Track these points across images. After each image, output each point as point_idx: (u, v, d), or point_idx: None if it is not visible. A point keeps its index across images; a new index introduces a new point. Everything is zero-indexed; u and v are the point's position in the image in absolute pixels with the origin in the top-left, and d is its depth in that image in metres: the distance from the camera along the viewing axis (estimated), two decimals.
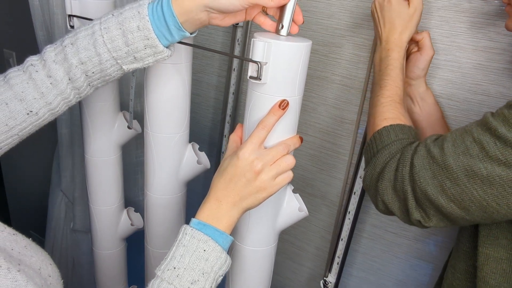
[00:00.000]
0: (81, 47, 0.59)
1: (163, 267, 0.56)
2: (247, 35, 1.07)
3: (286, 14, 0.57)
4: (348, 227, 0.98)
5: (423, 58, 0.78)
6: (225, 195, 0.59)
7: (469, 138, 0.56)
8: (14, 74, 0.60)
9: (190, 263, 0.55)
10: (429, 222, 0.60)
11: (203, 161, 0.85)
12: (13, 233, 0.54)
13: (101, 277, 1.10)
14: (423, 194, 0.59)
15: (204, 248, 0.56)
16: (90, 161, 0.96)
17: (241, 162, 0.59)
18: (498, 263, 0.61)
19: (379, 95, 0.71)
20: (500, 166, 0.52)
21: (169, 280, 0.54)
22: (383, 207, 0.65)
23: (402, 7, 0.74)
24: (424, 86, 0.82)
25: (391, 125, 0.67)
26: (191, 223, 0.59)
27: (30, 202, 1.84)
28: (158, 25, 0.58)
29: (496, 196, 0.54)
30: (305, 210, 0.72)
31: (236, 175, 0.59)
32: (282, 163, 0.61)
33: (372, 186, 0.66)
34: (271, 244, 0.74)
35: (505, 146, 0.52)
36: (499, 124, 0.53)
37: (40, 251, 0.56)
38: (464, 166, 0.55)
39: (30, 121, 0.61)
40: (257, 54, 0.58)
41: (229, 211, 0.59)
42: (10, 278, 0.46)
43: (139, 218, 1.07)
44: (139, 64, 0.61)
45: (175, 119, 0.79)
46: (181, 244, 0.56)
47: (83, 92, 0.63)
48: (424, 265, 0.98)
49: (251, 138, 0.60)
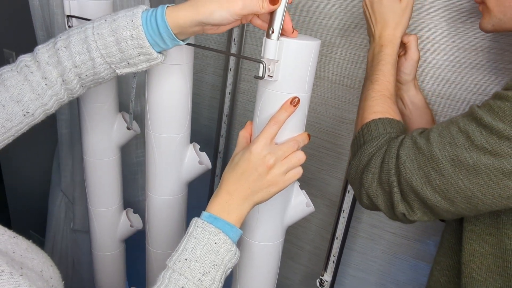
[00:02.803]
0: (75, 51, 0.60)
1: (174, 258, 0.56)
2: (243, 34, 1.07)
3: (277, 19, 0.57)
4: (343, 225, 0.98)
5: (408, 63, 0.78)
6: (237, 189, 0.60)
7: (455, 128, 0.56)
8: (9, 75, 0.60)
9: (202, 255, 0.55)
10: (413, 216, 0.60)
11: (204, 162, 0.85)
12: (13, 236, 0.54)
13: (100, 278, 1.10)
14: (409, 185, 0.58)
15: (215, 241, 0.56)
16: (89, 162, 0.96)
17: (254, 156, 0.60)
18: (484, 258, 0.62)
19: (370, 90, 0.71)
20: (486, 155, 0.52)
21: (181, 271, 0.54)
22: (367, 201, 0.65)
23: (393, 2, 0.73)
24: (413, 90, 0.81)
25: (379, 118, 0.67)
26: (202, 216, 0.59)
27: (30, 202, 1.84)
28: (152, 34, 0.59)
29: (482, 186, 0.54)
30: (312, 206, 0.74)
31: (248, 169, 0.60)
32: (293, 159, 0.62)
33: (357, 179, 0.66)
34: (279, 239, 0.75)
35: (491, 134, 0.52)
36: (484, 113, 0.53)
37: (40, 253, 0.56)
38: (450, 156, 0.55)
39: (26, 121, 0.62)
40: (269, 52, 0.59)
41: (240, 205, 0.60)
42: (13, 282, 0.46)
43: (138, 220, 1.07)
44: (133, 69, 0.62)
45: (177, 119, 0.79)
46: (192, 236, 0.57)
47: (75, 92, 0.64)
48: (424, 265, 0.98)
49: (263, 133, 0.61)
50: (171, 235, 0.88)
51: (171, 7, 0.59)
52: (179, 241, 0.58)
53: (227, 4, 0.56)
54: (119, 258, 1.10)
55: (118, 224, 1.04)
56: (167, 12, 0.58)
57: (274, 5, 0.56)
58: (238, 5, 0.56)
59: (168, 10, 0.58)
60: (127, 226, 1.05)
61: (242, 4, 0.56)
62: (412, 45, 0.77)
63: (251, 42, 1.08)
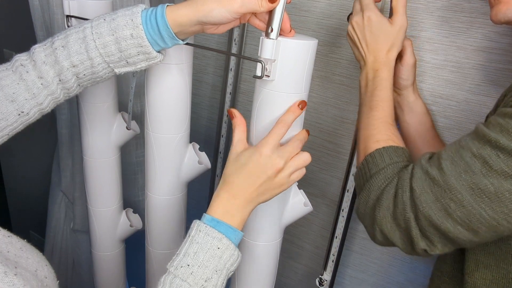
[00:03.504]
0: (73, 50, 0.59)
1: (175, 263, 0.55)
2: (244, 34, 1.07)
3: (275, 18, 0.57)
4: (342, 225, 0.98)
5: (404, 68, 0.76)
6: (242, 192, 0.59)
7: (467, 154, 0.52)
8: (4, 74, 0.60)
9: (204, 261, 0.55)
10: (435, 250, 0.56)
11: (204, 161, 0.85)
12: (8, 235, 0.54)
13: (100, 278, 1.10)
14: (427, 220, 0.54)
15: (218, 246, 0.56)
16: (89, 162, 0.96)
17: (264, 159, 0.59)
18: (488, 269, 0.60)
19: (370, 117, 0.67)
20: (508, 180, 0.48)
21: (183, 277, 0.54)
22: (381, 237, 0.60)
23: (384, 25, 0.70)
24: (412, 96, 0.79)
25: (383, 147, 0.63)
26: (204, 219, 0.58)
27: (30, 202, 1.84)
28: (152, 33, 0.59)
29: (507, 214, 0.50)
30: (310, 205, 0.74)
31: (257, 172, 0.59)
32: (299, 161, 0.62)
33: (368, 214, 0.61)
34: (277, 239, 0.75)
35: (510, 157, 0.48)
36: (498, 134, 0.50)
37: (35, 252, 0.56)
38: (468, 185, 0.51)
39: (21, 121, 0.62)
40: (266, 52, 0.59)
41: (243, 208, 0.59)
42: (7, 282, 0.46)
43: (138, 219, 1.07)
44: (132, 68, 0.62)
45: (177, 119, 0.79)
46: (194, 241, 0.56)
47: (72, 92, 0.64)
48: (424, 267, 0.98)
49: (272, 135, 0.60)
50: (171, 235, 0.88)
51: (171, 6, 0.59)
52: (179, 241, 0.57)
53: (226, 2, 0.56)
54: (119, 258, 1.10)
55: (118, 224, 1.04)
56: (167, 11, 0.58)
57: (272, 4, 0.56)
58: (237, 3, 0.56)
59: (168, 9, 0.58)
60: (127, 226, 1.05)
61: (241, 2, 0.56)
62: (407, 50, 0.75)
63: (252, 42, 1.08)
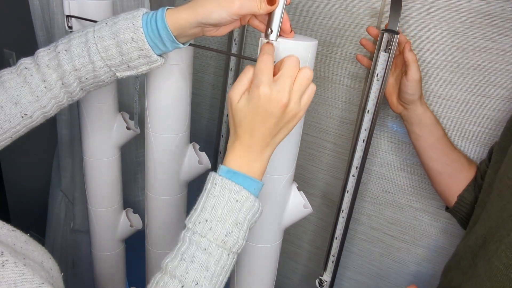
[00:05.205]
0: (75, 54, 0.60)
1: (193, 219, 0.53)
2: (244, 34, 1.07)
3: (275, 19, 0.57)
4: (342, 225, 0.97)
5: (410, 84, 0.75)
6: (255, 140, 0.55)
7: None
8: (8, 77, 0.61)
9: (223, 215, 0.52)
10: None
11: (204, 161, 0.85)
12: (12, 229, 0.55)
13: (100, 278, 1.10)
14: None
15: (237, 199, 0.53)
16: (89, 162, 0.96)
17: (264, 100, 0.53)
18: None
19: None
20: None
21: (202, 233, 0.52)
22: None
23: None
24: (420, 109, 0.79)
25: None
26: (220, 171, 0.55)
27: (30, 202, 1.84)
28: (152, 37, 0.59)
29: None
30: (309, 207, 0.73)
31: (264, 116, 0.53)
32: (302, 80, 0.54)
33: None
34: (277, 241, 0.75)
35: None
36: None
37: (39, 246, 0.57)
38: None
39: (24, 123, 0.62)
40: None
41: (261, 154, 0.55)
42: (17, 271, 0.46)
43: (138, 219, 1.07)
44: (133, 72, 0.62)
45: (177, 119, 0.79)
46: (211, 195, 0.53)
47: (75, 96, 0.65)
48: (424, 270, 0.98)
49: (261, 71, 0.53)
50: (171, 235, 0.88)
51: (171, 9, 0.59)
52: None
53: (225, 4, 0.56)
54: (119, 258, 1.10)
55: (118, 224, 1.04)
56: (167, 14, 0.58)
57: (271, 6, 0.56)
58: (236, 5, 0.56)
59: (168, 12, 0.58)
60: (127, 226, 1.05)
61: (240, 4, 0.56)
62: (412, 65, 0.75)
63: (252, 43, 1.08)
